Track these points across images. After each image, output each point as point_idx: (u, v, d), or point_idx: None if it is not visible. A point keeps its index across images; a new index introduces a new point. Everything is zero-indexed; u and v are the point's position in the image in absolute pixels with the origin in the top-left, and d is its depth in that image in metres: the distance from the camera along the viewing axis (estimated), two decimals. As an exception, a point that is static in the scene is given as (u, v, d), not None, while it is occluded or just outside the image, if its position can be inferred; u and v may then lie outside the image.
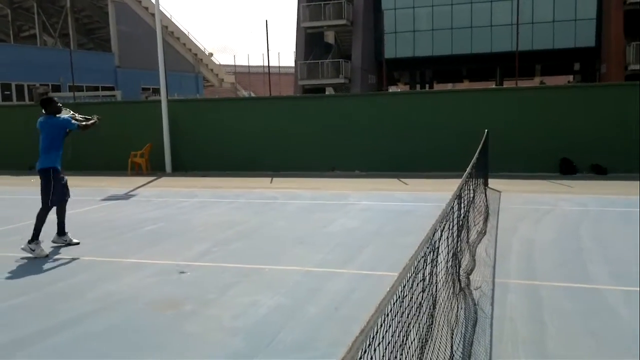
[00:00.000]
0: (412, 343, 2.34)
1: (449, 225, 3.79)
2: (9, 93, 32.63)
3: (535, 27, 31.47)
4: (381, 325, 1.69)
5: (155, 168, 16.61)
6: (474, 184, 7.42)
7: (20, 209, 10.26)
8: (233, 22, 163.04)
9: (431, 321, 2.87)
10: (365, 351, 1.47)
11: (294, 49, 37.64)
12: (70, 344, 4.23)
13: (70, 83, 25.70)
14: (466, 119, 14.34)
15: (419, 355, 2.43)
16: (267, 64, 20.92)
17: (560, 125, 13.91)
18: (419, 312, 2.49)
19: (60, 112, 7.24)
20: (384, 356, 1.76)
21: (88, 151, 16.08)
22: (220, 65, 50.68)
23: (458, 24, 33.70)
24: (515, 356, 3.83)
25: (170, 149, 16.53)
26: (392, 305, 1.87)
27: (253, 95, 43.70)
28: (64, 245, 7.35)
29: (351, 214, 9.24)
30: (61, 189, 7.16)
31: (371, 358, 1.54)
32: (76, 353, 4.08)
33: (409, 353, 2.22)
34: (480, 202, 8.13)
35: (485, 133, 10.54)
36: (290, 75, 40.69)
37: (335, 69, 34.82)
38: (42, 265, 6.49)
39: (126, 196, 11.99)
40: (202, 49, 47.41)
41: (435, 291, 3.04)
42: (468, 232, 6.14)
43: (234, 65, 52.16)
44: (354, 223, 8.51)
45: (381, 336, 1.69)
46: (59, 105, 7.26)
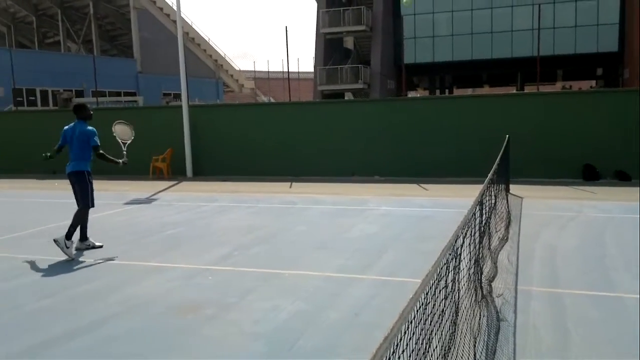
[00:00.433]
0: (435, 351, 2.33)
1: (471, 231, 3.77)
2: (33, 99, 33.28)
3: (556, 32, 31.18)
4: (405, 332, 1.68)
5: (176, 172, 16.76)
6: (496, 189, 7.36)
7: (45, 212, 10.44)
8: (253, 28, 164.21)
9: (454, 329, 2.85)
10: (389, 358, 1.46)
11: (314, 55, 37.76)
12: (93, 346, 4.28)
13: (93, 89, 26.11)
14: (487, 124, 14.22)
15: (442, 362, 2.42)
16: (287, 70, 20.96)
17: (583, 130, 13.72)
18: (442, 320, 2.48)
19: (91, 119, 7.50)
20: (408, 363, 1.76)
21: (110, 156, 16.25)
22: (240, 70, 51.06)
23: (478, 29, 33.51)
24: (539, 365, 3.78)
25: (191, 153, 16.67)
26: (416, 312, 1.86)
27: (273, 100, 43.89)
28: (87, 248, 7.46)
29: (371, 220, 9.22)
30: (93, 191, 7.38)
31: (395, 365, 1.53)
32: (99, 356, 4.13)
33: (432, 360, 2.21)
34: (502, 208, 8.06)
35: (506, 138, 10.44)
36: (310, 80, 40.78)
37: (355, 75, 34.83)
38: (67, 268, 6.59)
39: (148, 200, 12.12)
40: (223, 55, 47.83)
41: (458, 298, 3.02)
42: (490, 239, 6.09)
43: (254, 71, 52.43)
44: (374, 228, 8.49)
45: (405, 343, 1.68)
46: (91, 112, 7.53)
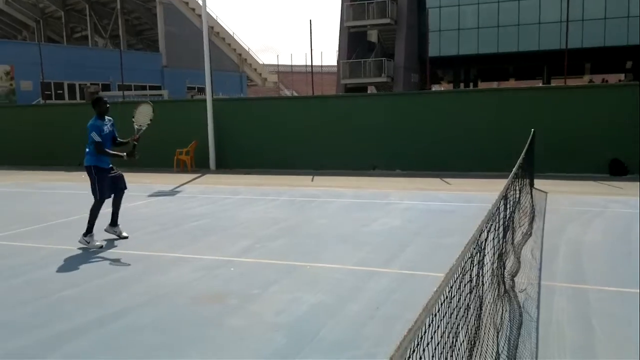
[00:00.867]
0: (462, 345, 2.32)
1: (495, 226, 3.74)
2: (61, 92, 33.87)
3: (585, 24, 30.56)
4: (429, 325, 1.68)
5: (199, 165, 16.92)
6: (520, 184, 7.27)
7: (73, 204, 10.65)
8: (277, 22, 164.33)
9: (478, 323, 2.83)
10: (414, 351, 1.47)
11: (337, 48, 37.67)
12: (118, 335, 4.36)
13: (120, 82, 26.46)
14: (512, 118, 14.04)
15: (467, 357, 2.41)
16: (311, 64, 20.95)
17: (611, 124, 13.45)
18: (467, 314, 2.47)
19: (106, 112, 7.35)
20: (433, 356, 1.75)
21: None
22: (263, 64, 51.15)
23: (505, 21, 33.04)
24: (563, 361, 3.74)
25: (214, 146, 16.82)
26: (440, 305, 1.86)
27: (295, 94, 43.92)
28: (114, 238, 7.60)
29: (392, 214, 9.19)
30: (108, 184, 7.33)
31: (420, 358, 1.53)
32: (125, 344, 4.21)
33: (458, 355, 2.20)
34: (526, 203, 7.97)
35: (532, 132, 10.30)
36: (333, 74, 40.71)
37: (378, 68, 34.66)
38: (93, 258, 6.72)
39: (172, 192, 12.27)
40: (247, 49, 47.97)
41: (482, 293, 3.00)
42: (513, 233, 6.03)
43: (277, 65, 52.52)
44: (396, 222, 8.46)
45: (429, 336, 1.68)
46: (107, 106, 7.34)
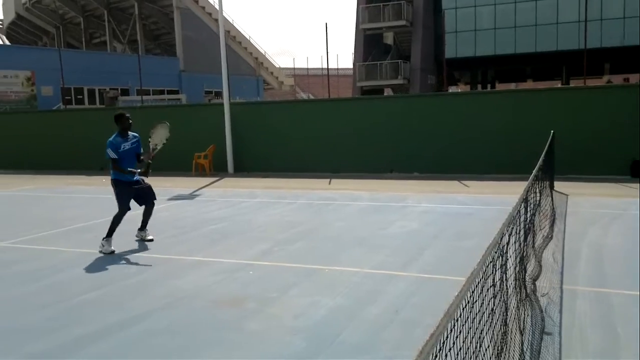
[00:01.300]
0: (487, 351, 2.29)
1: (516, 229, 3.70)
2: (81, 97, 34.36)
3: (604, 24, 30.16)
4: (451, 330, 1.67)
5: (217, 169, 17.01)
6: (540, 186, 7.19)
7: (93, 208, 10.77)
8: (293, 26, 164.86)
9: (505, 329, 2.79)
10: (436, 356, 1.45)
11: (353, 51, 37.64)
12: (137, 339, 4.40)
13: (138, 87, 26.76)
14: (530, 120, 13.89)
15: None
16: (327, 66, 20.98)
17: (631, 125, 13.23)
18: (492, 319, 2.44)
19: (129, 128, 7.39)
20: (455, 361, 1.74)
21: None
22: (279, 68, 51.35)
23: (522, 22, 32.73)
24: (586, 366, 3.69)
25: (232, 150, 16.90)
26: (462, 310, 1.84)
27: (312, 97, 43.99)
28: (137, 240, 7.74)
29: (410, 216, 9.15)
30: (131, 196, 7.46)
31: (442, 363, 1.52)
32: (143, 348, 4.24)
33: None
34: (546, 206, 7.87)
35: (551, 134, 10.18)
36: (349, 77, 40.70)
37: (394, 70, 34.56)
38: (113, 261, 6.79)
39: (190, 196, 12.35)
40: (263, 53, 48.20)
41: (506, 298, 2.96)
42: (534, 237, 5.96)
43: (293, 68, 52.69)
44: (414, 225, 8.42)
45: (451, 342, 1.67)
46: (130, 122, 7.38)
